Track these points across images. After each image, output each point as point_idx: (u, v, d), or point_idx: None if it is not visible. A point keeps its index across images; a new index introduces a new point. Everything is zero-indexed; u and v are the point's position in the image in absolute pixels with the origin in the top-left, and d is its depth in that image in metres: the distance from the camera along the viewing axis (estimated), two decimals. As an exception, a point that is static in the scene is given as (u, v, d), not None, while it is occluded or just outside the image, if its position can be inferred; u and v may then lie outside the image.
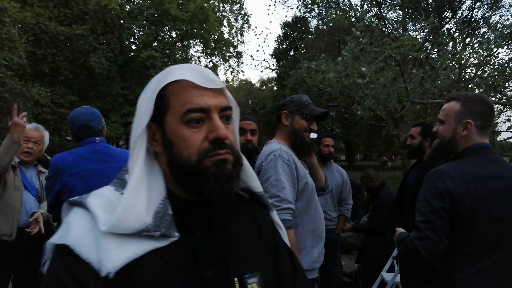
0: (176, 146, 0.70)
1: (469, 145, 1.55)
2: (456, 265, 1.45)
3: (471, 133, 1.55)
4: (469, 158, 1.53)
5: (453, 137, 1.60)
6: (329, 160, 3.58)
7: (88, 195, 0.72)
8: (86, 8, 19.39)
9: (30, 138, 2.74)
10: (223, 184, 0.70)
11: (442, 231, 1.43)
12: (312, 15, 21.70)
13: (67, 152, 2.21)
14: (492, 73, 5.50)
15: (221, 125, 0.70)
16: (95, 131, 2.22)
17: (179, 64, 0.76)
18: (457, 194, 1.41)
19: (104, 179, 2.14)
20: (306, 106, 2.02)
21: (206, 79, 0.71)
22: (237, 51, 25.42)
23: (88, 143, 2.18)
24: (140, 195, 0.69)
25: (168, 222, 0.69)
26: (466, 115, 1.56)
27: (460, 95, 1.62)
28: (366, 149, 30.27)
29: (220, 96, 0.73)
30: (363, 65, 5.24)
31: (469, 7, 15.31)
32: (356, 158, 39.76)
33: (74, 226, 0.66)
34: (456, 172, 1.46)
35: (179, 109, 0.70)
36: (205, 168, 0.69)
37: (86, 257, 0.63)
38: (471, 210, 1.40)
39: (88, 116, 2.21)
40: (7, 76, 13.18)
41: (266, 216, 0.90)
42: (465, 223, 1.42)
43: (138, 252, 0.65)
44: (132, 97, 20.30)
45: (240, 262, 0.75)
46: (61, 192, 2.08)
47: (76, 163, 2.10)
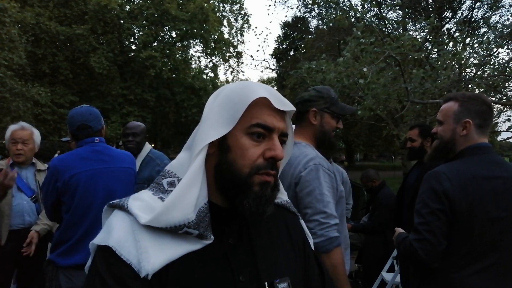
0: (233, 152, 0.74)
1: (468, 145, 1.54)
2: (454, 265, 1.44)
3: (470, 132, 1.54)
4: (467, 158, 1.52)
5: (452, 137, 1.59)
6: (329, 160, 3.58)
7: (128, 198, 0.76)
8: (86, 8, 19.40)
9: (17, 139, 2.67)
10: (261, 205, 0.73)
11: (439, 232, 1.43)
12: (312, 15, 21.70)
13: (66, 153, 2.21)
14: (492, 73, 5.50)
15: (280, 146, 0.75)
16: (94, 131, 2.21)
17: (256, 83, 0.80)
18: (454, 195, 1.41)
19: (104, 179, 2.14)
20: (336, 103, 1.80)
21: (280, 102, 0.77)
22: (237, 51, 25.45)
23: (87, 143, 2.18)
24: (192, 190, 0.71)
25: (207, 223, 0.72)
26: (465, 114, 1.55)
27: (458, 95, 1.62)
28: (366, 149, 30.27)
29: (283, 121, 0.79)
30: (364, 66, 5.24)
31: (469, 7, 15.32)
32: (356, 158, 39.76)
33: (116, 228, 0.70)
34: (453, 173, 1.46)
35: (248, 120, 0.74)
36: (251, 184, 0.73)
37: (127, 259, 0.66)
38: (468, 211, 1.40)
39: (87, 116, 2.20)
40: (7, 76, 13.18)
41: (296, 222, 0.94)
42: (462, 224, 1.42)
43: (175, 255, 0.68)
44: (132, 97, 20.31)
45: (270, 268, 0.78)
46: (62, 194, 2.08)
47: (76, 163, 2.10)
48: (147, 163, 3.06)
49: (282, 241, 0.85)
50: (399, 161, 22.50)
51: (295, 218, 0.94)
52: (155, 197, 0.75)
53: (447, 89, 5.35)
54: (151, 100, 20.82)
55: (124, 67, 21.25)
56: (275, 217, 0.86)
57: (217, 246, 0.73)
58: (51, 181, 2.09)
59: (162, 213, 0.68)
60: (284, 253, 0.83)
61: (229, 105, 0.75)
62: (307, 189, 1.60)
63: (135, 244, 0.67)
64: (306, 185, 1.61)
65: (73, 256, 2.05)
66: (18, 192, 2.67)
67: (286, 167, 1.69)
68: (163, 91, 21.56)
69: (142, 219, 0.68)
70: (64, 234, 2.10)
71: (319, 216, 1.52)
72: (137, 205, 0.72)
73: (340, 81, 5.34)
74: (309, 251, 0.91)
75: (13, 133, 2.68)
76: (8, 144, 2.70)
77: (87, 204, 2.07)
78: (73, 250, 2.06)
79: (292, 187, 1.66)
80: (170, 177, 0.79)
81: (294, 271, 0.82)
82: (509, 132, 5.62)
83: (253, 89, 0.75)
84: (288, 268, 0.81)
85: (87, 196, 2.07)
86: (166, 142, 27.71)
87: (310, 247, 0.93)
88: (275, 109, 0.76)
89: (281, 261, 0.81)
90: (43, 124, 17.42)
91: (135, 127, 3.16)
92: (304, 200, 1.56)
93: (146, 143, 3.23)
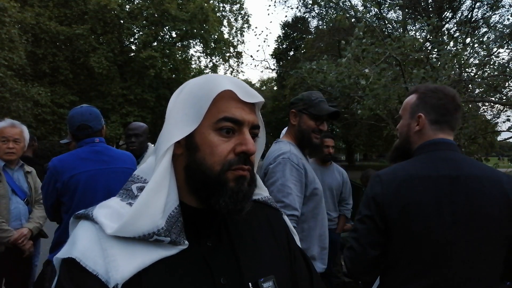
0: (201, 151, 0.69)
1: (421, 143, 1.35)
2: (397, 279, 1.24)
3: (424, 128, 1.35)
4: (416, 157, 1.33)
5: (407, 133, 1.41)
6: (329, 160, 3.58)
7: (94, 207, 0.72)
8: (86, 8, 19.38)
9: (8, 137, 2.56)
10: (239, 202, 0.69)
11: (366, 241, 1.27)
12: (312, 15, 21.72)
13: (66, 154, 2.19)
14: (492, 73, 5.49)
15: (251, 140, 0.71)
16: (94, 131, 2.20)
17: (220, 75, 0.77)
18: (384, 200, 1.23)
19: (104, 180, 2.14)
20: (315, 105, 1.89)
21: (247, 93, 0.73)
22: (237, 51, 25.45)
23: (87, 143, 2.17)
24: (159, 195, 0.67)
25: (179, 229, 0.68)
26: (419, 108, 1.37)
27: (421, 87, 1.43)
28: (366, 149, 30.25)
29: (253, 113, 0.75)
30: (365, 66, 5.24)
31: (469, 7, 15.33)
32: (356, 158, 39.74)
33: (80, 238, 0.66)
34: (388, 175, 1.28)
35: (214, 115, 0.70)
36: (225, 181, 0.69)
37: (93, 269, 0.62)
38: (401, 217, 1.20)
39: (87, 116, 2.19)
40: (7, 76, 13.17)
41: (279, 219, 0.90)
42: (396, 232, 1.22)
43: (147, 261, 0.64)
44: (132, 97, 20.30)
45: (254, 267, 0.74)
46: (62, 194, 2.07)
47: (75, 164, 2.09)
48: None
49: (265, 239, 0.81)
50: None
51: (277, 214, 0.90)
52: (123, 203, 0.71)
53: (447, 89, 5.34)
54: (151, 100, 20.81)
55: (124, 67, 21.24)
56: (256, 214, 0.83)
57: (194, 249, 0.70)
58: (51, 182, 2.08)
59: (128, 223, 0.64)
60: (268, 251, 0.79)
61: (193, 101, 0.70)
62: (271, 179, 1.75)
63: (102, 253, 0.63)
64: (271, 175, 1.76)
65: None
66: (13, 195, 2.60)
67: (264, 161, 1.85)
68: (163, 91, 21.55)
69: (108, 228, 0.64)
70: (64, 234, 2.09)
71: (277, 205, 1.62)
72: (103, 213, 0.68)
73: (341, 82, 5.34)
74: (295, 247, 0.87)
75: (3, 131, 2.55)
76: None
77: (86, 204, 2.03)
78: None
79: (263, 178, 1.80)
80: (139, 182, 0.76)
81: (279, 269, 0.78)
82: (509, 132, 5.61)
83: (218, 82, 0.71)
84: (272, 267, 0.77)
85: (87, 196, 2.06)
86: (166, 142, 27.66)
87: (295, 243, 0.89)
88: (243, 102, 0.72)
89: (265, 259, 0.77)
90: (43, 124, 17.41)
91: (137, 128, 3.15)
92: (268, 189, 1.63)
93: (149, 144, 3.23)
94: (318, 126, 1.90)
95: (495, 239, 1.18)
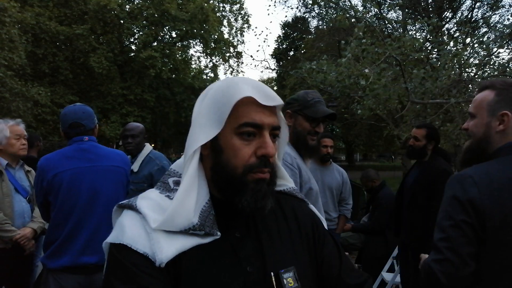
0: (225, 154, 0.75)
1: (506, 143, 1.22)
2: None
3: (508, 127, 1.22)
4: (502, 158, 1.19)
5: (486, 133, 1.27)
6: (328, 160, 3.57)
7: (136, 198, 0.79)
8: (86, 8, 19.38)
9: (21, 134, 2.70)
10: (259, 201, 0.75)
11: (465, 251, 1.11)
12: (312, 15, 21.70)
13: (53, 152, 2.17)
14: (492, 73, 5.49)
15: (271, 143, 0.76)
16: (87, 129, 2.17)
17: (240, 77, 0.80)
18: (484, 205, 1.11)
19: (89, 178, 2.09)
20: (310, 106, 1.81)
21: (266, 97, 0.76)
22: (237, 51, 25.44)
23: (75, 141, 2.14)
24: (190, 196, 0.74)
25: (212, 221, 0.76)
26: (502, 105, 1.23)
27: (495, 82, 1.29)
28: (366, 149, 30.26)
29: (273, 115, 0.79)
30: (365, 66, 5.23)
31: (469, 7, 15.32)
32: (355, 158, 39.75)
33: (127, 226, 0.73)
34: (482, 176, 1.15)
35: (236, 120, 0.74)
36: (246, 182, 0.74)
37: (143, 251, 0.70)
38: (502, 225, 1.09)
39: (80, 114, 2.16)
40: (7, 76, 13.16)
41: (304, 208, 0.95)
42: (494, 242, 1.11)
43: (186, 246, 0.72)
44: (132, 97, 20.31)
45: (277, 259, 0.80)
46: (48, 193, 2.06)
47: (61, 162, 2.07)
48: (147, 163, 3.11)
49: (289, 230, 0.87)
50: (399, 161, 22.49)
51: (302, 204, 0.96)
52: (163, 195, 0.79)
53: (447, 89, 5.34)
54: (151, 100, 20.81)
55: (124, 67, 21.25)
56: (281, 205, 0.90)
57: (224, 239, 0.76)
58: (39, 181, 2.08)
59: (167, 220, 0.72)
60: (291, 243, 0.85)
61: (216, 107, 0.75)
62: None
63: (147, 236, 0.71)
64: None
65: (61, 258, 2.01)
66: (16, 193, 2.62)
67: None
68: (163, 91, 21.55)
69: (152, 222, 0.72)
70: (51, 234, 2.08)
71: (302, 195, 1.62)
72: (145, 204, 0.76)
73: (341, 82, 5.34)
74: (322, 232, 0.93)
75: (15, 129, 2.66)
76: (8, 141, 2.62)
77: (71, 203, 2.04)
78: (60, 251, 2.02)
79: None
80: (175, 176, 0.83)
81: (300, 260, 0.83)
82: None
83: (238, 88, 0.75)
84: (294, 258, 0.83)
85: (71, 195, 2.04)
86: (166, 142, 27.71)
87: (323, 228, 0.94)
88: (263, 105, 0.75)
89: (288, 251, 0.83)
90: (43, 124, 17.41)
91: (133, 129, 3.16)
92: None
93: (147, 144, 3.26)
94: (314, 128, 1.82)
95: None
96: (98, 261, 2.03)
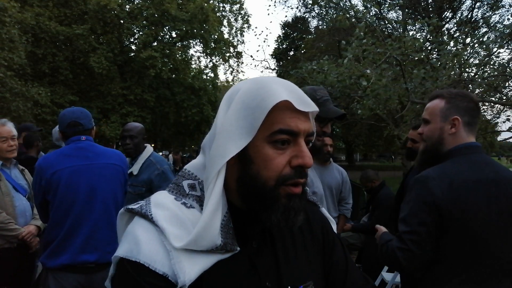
0: (255, 164, 0.67)
1: (457, 145, 1.43)
2: (443, 276, 1.35)
3: (459, 130, 1.44)
4: (456, 159, 1.40)
5: (440, 136, 1.47)
6: (328, 160, 3.57)
7: (149, 203, 0.71)
8: (86, 8, 19.37)
9: (7, 136, 2.64)
10: (291, 218, 0.68)
11: (427, 245, 1.34)
12: (312, 15, 21.70)
13: (51, 152, 2.23)
14: (492, 73, 5.49)
15: (308, 152, 0.68)
16: (85, 129, 2.20)
17: (270, 77, 0.72)
18: (446, 204, 1.31)
19: (87, 175, 2.11)
20: (320, 105, 1.64)
21: (303, 102, 0.68)
22: (237, 51, 25.43)
23: (73, 141, 2.17)
24: (216, 217, 0.67)
25: (232, 236, 0.69)
26: (453, 111, 1.44)
27: (444, 92, 1.51)
28: (366, 149, 30.25)
29: (308, 121, 0.71)
30: (366, 67, 5.24)
31: (469, 7, 15.32)
32: (356, 158, 39.74)
33: (144, 241, 0.65)
34: (443, 177, 1.34)
35: (269, 126, 0.66)
36: (278, 197, 0.67)
37: (163, 272, 0.63)
38: (460, 219, 1.30)
39: (79, 114, 2.20)
40: (7, 76, 13.16)
41: (316, 213, 0.92)
42: (454, 233, 1.32)
43: (207, 264, 0.66)
44: (132, 97, 20.30)
45: (293, 272, 0.76)
46: (47, 191, 2.07)
47: (58, 161, 2.09)
48: (148, 166, 2.96)
49: (304, 239, 0.82)
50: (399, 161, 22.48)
51: (314, 208, 0.92)
52: (178, 203, 0.71)
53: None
54: (151, 100, 20.80)
55: (124, 67, 21.24)
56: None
57: (241, 250, 0.71)
58: (37, 180, 2.09)
59: (191, 243, 0.65)
60: (307, 254, 0.81)
61: (246, 112, 0.66)
62: None
63: (167, 255, 0.64)
64: None
65: (60, 256, 2.02)
66: (16, 192, 2.63)
67: None
68: (163, 91, 21.54)
69: (173, 240, 0.65)
70: (50, 233, 2.09)
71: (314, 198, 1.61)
72: (162, 215, 0.67)
73: (341, 82, 5.34)
74: (332, 237, 0.89)
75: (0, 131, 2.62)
76: None
77: (69, 201, 2.05)
78: (59, 250, 2.03)
79: None
80: (190, 179, 0.75)
81: (317, 274, 0.80)
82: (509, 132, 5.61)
83: (272, 91, 0.66)
84: (311, 272, 0.79)
85: (70, 193, 2.05)
86: (166, 142, 27.70)
87: (333, 233, 0.90)
88: (298, 110, 0.67)
89: (304, 264, 0.79)
90: (43, 124, 17.37)
91: (132, 129, 3.07)
92: None
93: (148, 146, 3.15)
94: (322, 128, 1.71)
95: None
96: (98, 259, 2.03)
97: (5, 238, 2.47)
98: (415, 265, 1.36)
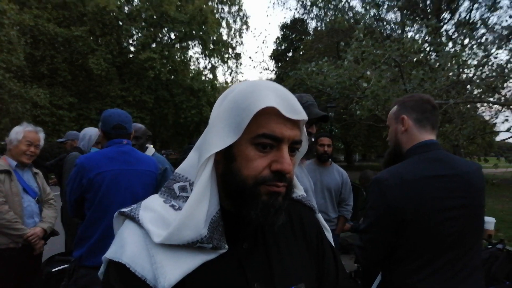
0: (237, 162, 0.69)
1: (411, 146, 1.48)
2: (407, 271, 1.38)
3: (409, 127, 1.49)
4: (410, 159, 1.44)
5: (396, 137, 1.55)
6: (327, 160, 3.56)
7: (139, 207, 0.73)
8: (85, 9, 19.39)
9: (33, 142, 2.69)
10: (270, 216, 0.68)
11: (381, 246, 1.41)
12: (311, 17, 21.76)
13: (93, 152, 2.29)
14: (490, 73, 5.51)
15: (288, 159, 0.68)
16: (128, 132, 2.31)
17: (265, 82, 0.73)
18: (399, 204, 1.34)
19: (127, 180, 2.20)
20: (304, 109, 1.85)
21: (292, 109, 0.69)
22: (235, 53, 25.51)
23: (115, 143, 2.25)
24: (202, 205, 0.68)
25: (220, 233, 0.70)
26: (401, 112, 1.53)
27: (401, 99, 1.60)
28: (364, 149, 30.30)
29: (296, 128, 0.71)
30: (365, 68, 5.25)
31: (467, 8, 15.37)
32: (354, 159, 39.79)
33: (128, 243, 0.68)
34: (395, 179, 1.37)
35: (254, 129, 0.67)
36: (258, 194, 0.68)
37: (141, 275, 0.65)
38: (416, 217, 1.33)
39: (124, 117, 2.30)
40: (6, 77, 13.16)
41: (311, 217, 0.91)
42: (411, 230, 1.36)
43: (191, 266, 0.67)
44: (131, 99, 20.30)
45: (286, 274, 0.76)
46: (86, 191, 2.13)
47: (102, 163, 2.16)
48: None
49: (297, 242, 0.83)
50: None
51: (310, 213, 0.91)
52: (166, 205, 0.72)
53: (446, 90, 5.36)
54: (150, 102, 20.81)
55: (122, 68, 21.25)
56: (290, 213, 0.85)
57: (231, 251, 0.71)
58: (77, 178, 2.14)
59: (174, 233, 0.66)
60: (300, 256, 0.81)
61: (235, 112, 0.68)
62: None
63: (149, 259, 0.65)
64: None
65: (98, 255, 2.05)
66: (25, 194, 2.67)
67: None
68: (161, 92, 21.55)
69: (156, 237, 0.66)
70: (87, 231, 2.15)
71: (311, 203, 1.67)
72: (148, 218, 0.69)
73: (341, 83, 5.35)
74: (325, 245, 0.89)
75: (27, 135, 2.68)
76: (16, 143, 2.65)
77: (108, 202, 2.12)
78: (96, 249, 2.09)
79: None
80: (181, 181, 0.76)
81: (309, 276, 0.80)
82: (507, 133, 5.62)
83: (261, 96, 0.67)
84: (303, 274, 0.78)
85: (110, 194, 2.12)
86: (165, 143, 27.70)
87: (326, 240, 0.90)
88: (286, 117, 0.68)
89: (297, 266, 0.79)
90: (42, 126, 17.13)
91: (136, 130, 3.14)
92: None
93: (150, 146, 3.23)
94: (307, 129, 1.85)
95: (482, 225, 1.46)
96: None
97: (10, 238, 2.49)
98: (369, 261, 1.47)
